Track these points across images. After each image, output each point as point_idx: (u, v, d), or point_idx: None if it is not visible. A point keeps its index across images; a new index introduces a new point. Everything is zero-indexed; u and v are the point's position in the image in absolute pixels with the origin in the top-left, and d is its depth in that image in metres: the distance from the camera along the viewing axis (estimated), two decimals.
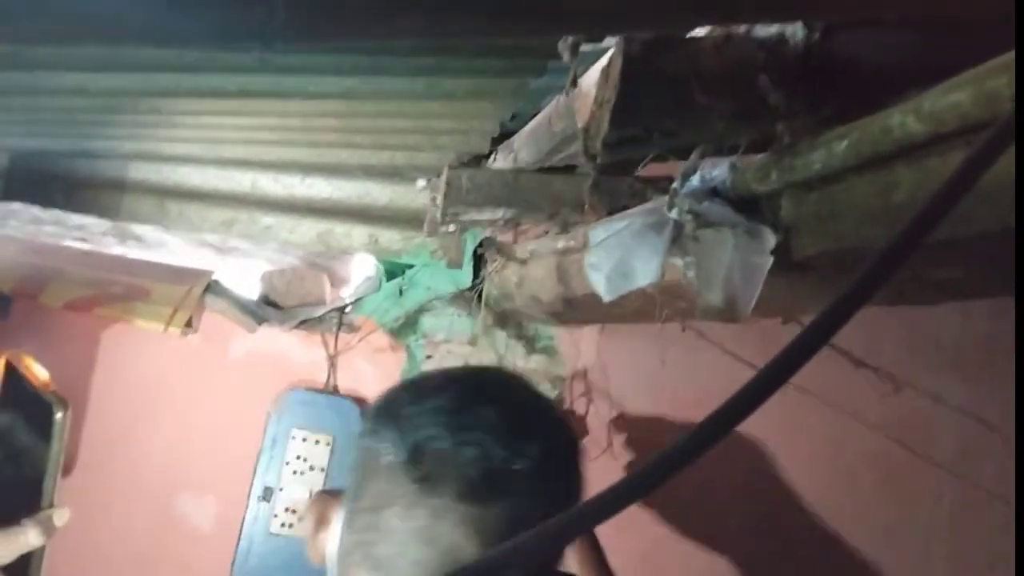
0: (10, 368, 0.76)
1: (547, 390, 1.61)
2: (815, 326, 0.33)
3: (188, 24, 0.41)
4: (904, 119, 0.50)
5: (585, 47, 0.65)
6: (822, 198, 0.60)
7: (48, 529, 0.70)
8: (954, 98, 0.47)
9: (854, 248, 0.59)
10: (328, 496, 0.65)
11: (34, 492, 0.71)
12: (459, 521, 0.56)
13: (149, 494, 1.60)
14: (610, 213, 0.92)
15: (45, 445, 0.70)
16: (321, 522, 0.64)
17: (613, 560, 1.25)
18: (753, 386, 0.33)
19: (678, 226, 0.71)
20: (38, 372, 0.74)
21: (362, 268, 1.64)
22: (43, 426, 0.71)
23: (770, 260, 0.63)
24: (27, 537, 0.69)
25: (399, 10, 0.39)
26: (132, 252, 1.61)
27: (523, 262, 1.30)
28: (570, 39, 0.59)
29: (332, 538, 0.62)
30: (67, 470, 0.74)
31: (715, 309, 0.67)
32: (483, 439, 0.58)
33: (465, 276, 1.46)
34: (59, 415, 0.70)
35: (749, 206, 0.67)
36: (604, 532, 1.20)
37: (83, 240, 1.59)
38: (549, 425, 0.65)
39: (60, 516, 0.71)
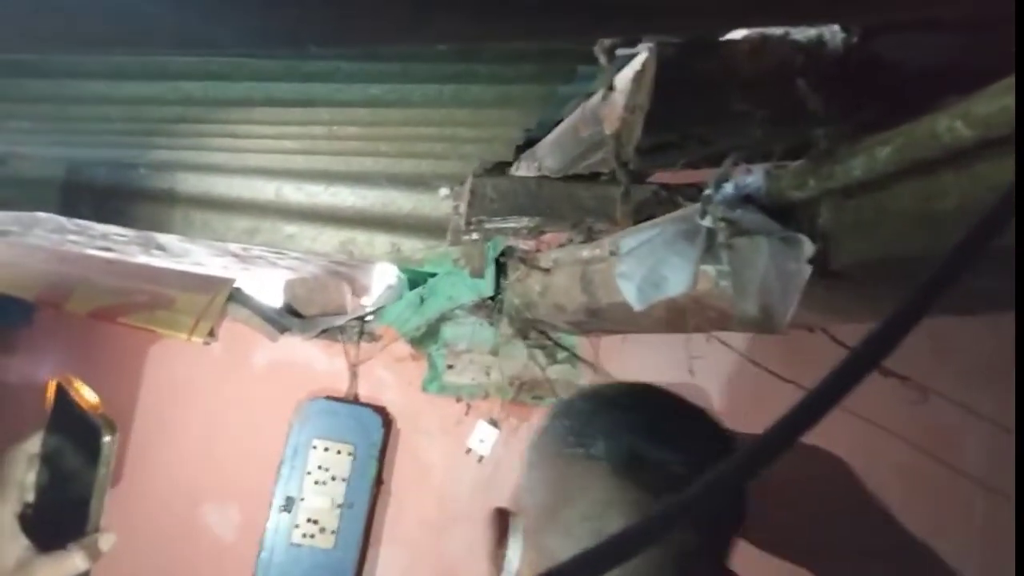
0: (60, 391, 0.75)
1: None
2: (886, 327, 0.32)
3: (220, 29, 0.40)
4: (952, 124, 0.48)
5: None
6: (863, 205, 0.58)
7: (94, 554, 0.70)
8: (1005, 102, 0.45)
9: (896, 256, 0.57)
10: (506, 512, 0.69)
11: (80, 516, 0.71)
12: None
13: (171, 503, 1.60)
14: (637, 221, 0.91)
15: (92, 469, 0.70)
16: (501, 538, 0.67)
17: None
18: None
19: (711, 234, 0.70)
20: (88, 395, 0.74)
21: (383, 277, 1.63)
22: (91, 449, 0.70)
23: (808, 269, 0.62)
24: (73, 562, 0.69)
25: (436, 14, 0.38)
26: (156, 261, 1.62)
27: (546, 271, 1.28)
28: (607, 42, 0.58)
29: (513, 553, 0.66)
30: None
31: (751, 320, 0.66)
32: (688, 449, 0.63)
33: (487, 285, 1.45)
34: (107, 439, 0.69)
35: (785, 213, 0.65)
36: None
37: (107, 249, 1.60)
38: (728, 436, 0.71)
39: (106, 540, 0.71)
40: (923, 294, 0.33)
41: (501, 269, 1.44)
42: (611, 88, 0.59)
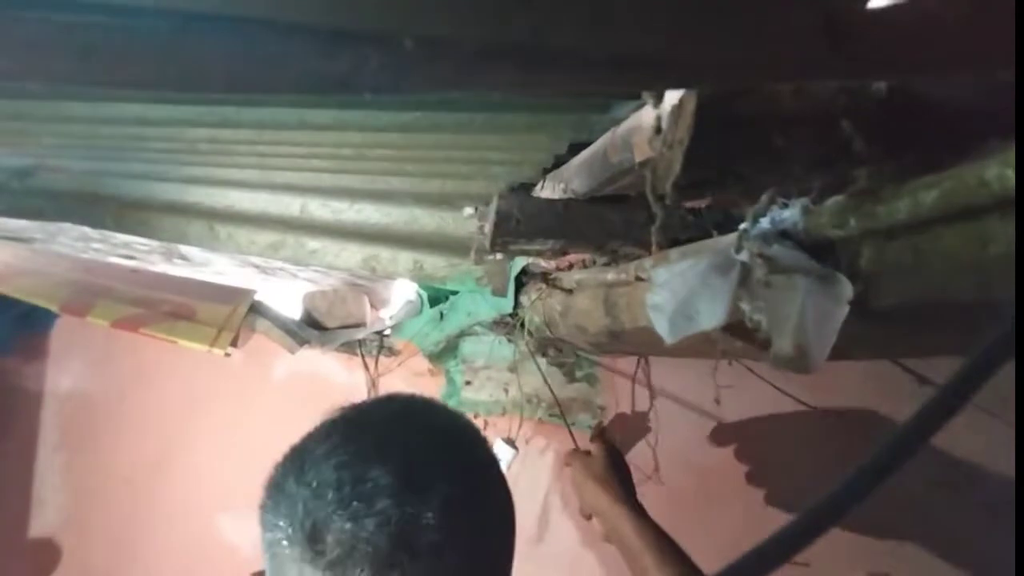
0: None
1: (587, 419, 1.59)
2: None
3: (273, 74, 0.40)
4: (1002, 171, 0.48)
5: None
6: (906, 247, 0.58)
7: None
8: None
9: (939, 300, 0.56)
10: None
11: None
12: None
13: (190, 513, 1.60)
14: (665, 245, 0.91)
15: None
16: None
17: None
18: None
19: (745, 269, 0.69)
20: None
21: (403, 291, 1.63)
22: None
23: (846, 310, 0.61)
24: None
25: (491, 63, 0.38)
26: (178, 270, 1.62)
27: (569, 291, 1.28)
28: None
29: None
30: None
31: (785, 358, 0.65)
32: (381, 505, 0.54)
33: (507, 303, 1.45)
34: None
35: (823, 251, 0.65)
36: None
37: (129, 257, 1.61)
38: (451, 459, 0.61)
39: None
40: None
41: (522, 287, 1.43)
42: (659, 131, 0.59)
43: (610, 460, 1.21)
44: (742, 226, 0.69)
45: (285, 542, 0.57)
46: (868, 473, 0.30)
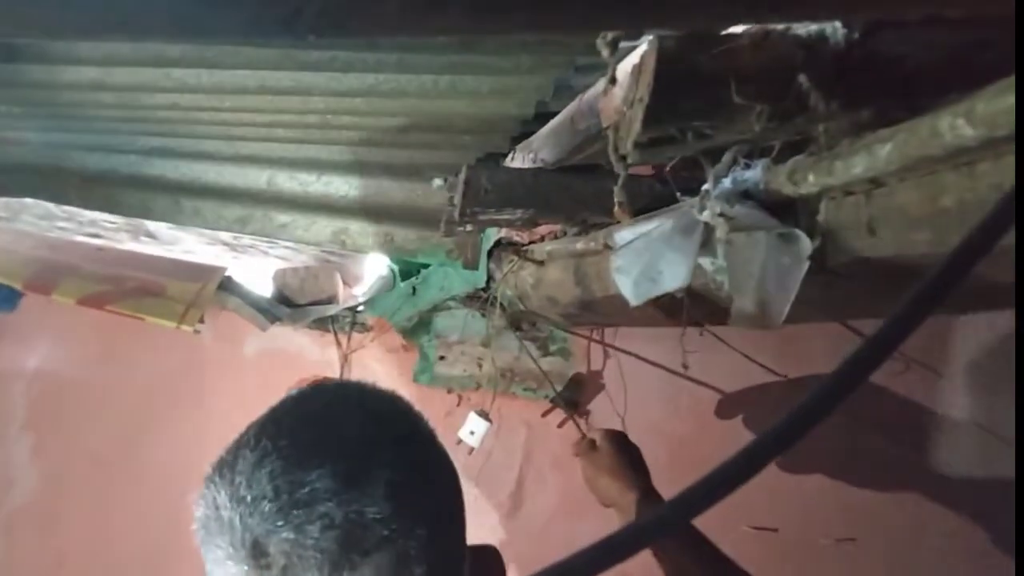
0: None
1: (565, 394, 1.59)
2: (880, 336, 0.32)
3: (215, 17, 0.39)
4: (955, 122, 0.48)
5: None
6: (863, 203, 0.58)
7: None
8: (1008, 101, 0.45)
9: (896, 254, 0.57)
10: None
11: None
12: None
13: (161, 491, 1.59)
14: (633, 215, 0.91)
15: None
16: None
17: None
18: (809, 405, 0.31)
19: (708, 229, 0.69)
20: None
21: (375, 267, 1.62)
22: None
23: (806, 266, 0.61)
24: None
25: (436, 5, 0.37)
26: (146, 248, 1.60)
27: (540, 263, 1.28)
28: (610, 35, 0.57)
29: None
30: None
31: (747, 316, 0.65)
32: (323, 509, 0.53)
33: (479, 276, 1.45)
34: None
35: (783, 209, 0.65)
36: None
37: (96, 235, 1.58)
38: (388, 445, 0.60)
39: None
40: (927, 294, 0.33)
41: (494, 260, 1.43)
42: (613, 81, 0.58)
43: (616, 448, 1.19)
44: (705, 187, 0.69)
45: (229, 561, 0.55)
46: (803, 412, 0.30)
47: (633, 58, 0.65)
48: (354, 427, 0.60)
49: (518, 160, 1.18)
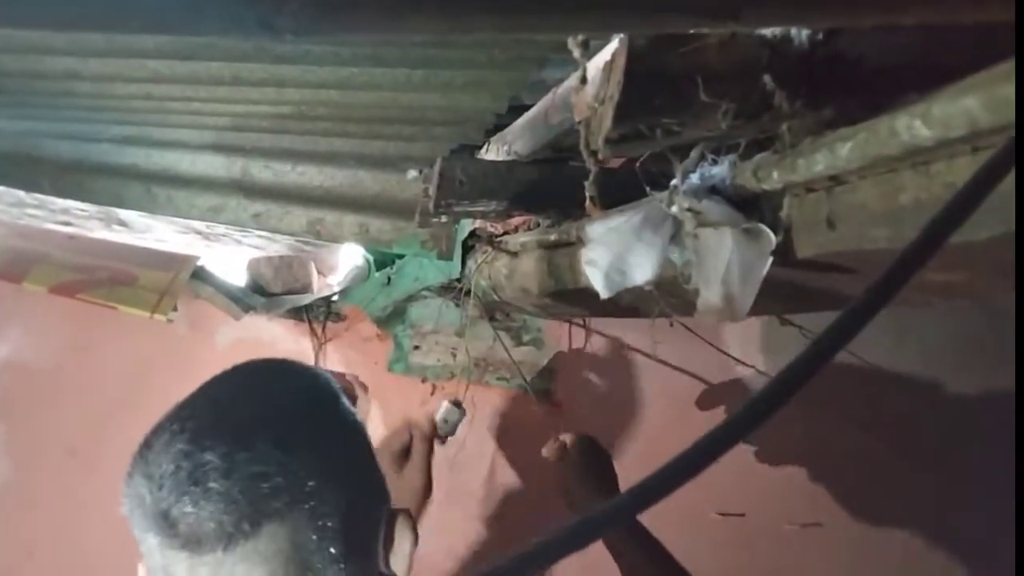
0: None
1: (538, 383, 1.61)
2: (833, 329, 0.33)
3: (192, 12, 0.40)
4: (912, 123, 0.50)
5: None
6: (824, 199, 0.60)
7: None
8: (964, 103, 0.47)
9: (856, 250, 0.59)
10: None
11: None
12: (249, 560, 0.58)
13: None
14: (605, 207, 0.92)
15: None
16: None
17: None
18: (770, 391, 0.33)
19: (677, 223, 0.71)
20: None
21: (349, 257, 1.63)
22: None
23: (769, 260, 0.63)
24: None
25: (412, 7, 0.38)
26: (118, 236, 1.59)
27: (514, 254, 1.29)
28: (580, 36, 0.58)
29: None
30: None
31: (713, 308, 0.67)
32: (216, 485, 0.58)
33: (454, 267, 1.46)
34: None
35: (749, 205, 0.67)
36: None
37: (67, 223, 1.57)
38: (285, 416, 0.64)
39: None
40: (881, 288, 0.35)
41: (468, 251, 1.44)
42: (584, 80, 0.60)
43: (584, 453, 1.20)
44: (673, 182, 0.70)
45: (148, 533, 0.61)
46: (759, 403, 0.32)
47: (604, 55, 0.66)
48: (258, 406, 0.65)
49: (492, 152, 1.19)
